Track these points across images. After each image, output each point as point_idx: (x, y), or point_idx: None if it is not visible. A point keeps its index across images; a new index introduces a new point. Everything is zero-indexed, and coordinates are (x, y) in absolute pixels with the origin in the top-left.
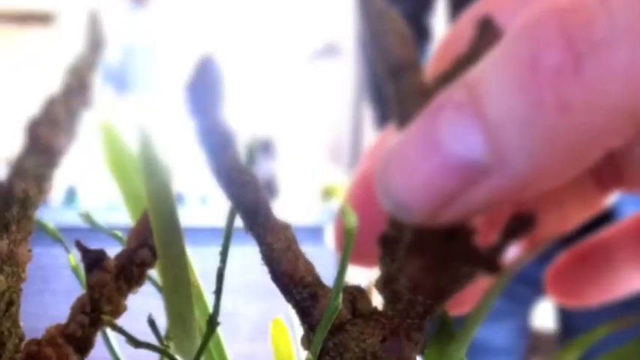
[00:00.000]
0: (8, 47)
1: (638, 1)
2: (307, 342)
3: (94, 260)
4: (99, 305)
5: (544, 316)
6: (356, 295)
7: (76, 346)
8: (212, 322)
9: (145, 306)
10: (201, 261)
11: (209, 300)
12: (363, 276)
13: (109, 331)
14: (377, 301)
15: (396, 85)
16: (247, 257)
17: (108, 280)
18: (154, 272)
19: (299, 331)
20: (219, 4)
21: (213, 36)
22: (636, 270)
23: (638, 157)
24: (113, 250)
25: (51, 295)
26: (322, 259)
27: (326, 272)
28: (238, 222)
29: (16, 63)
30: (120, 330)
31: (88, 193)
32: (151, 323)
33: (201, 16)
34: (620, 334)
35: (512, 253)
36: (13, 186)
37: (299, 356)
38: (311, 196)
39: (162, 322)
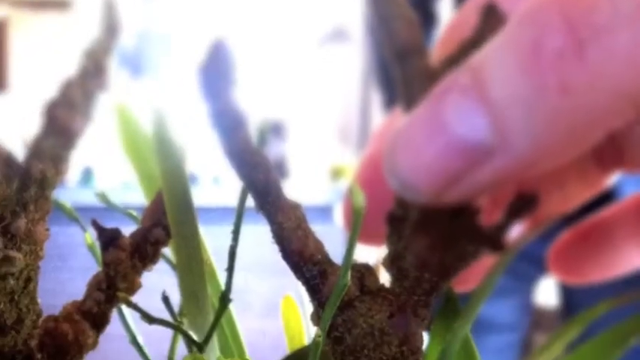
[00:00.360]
0: (25, 32)
1: None
2: (317, 318)
3: (109, 239)
4: (114, 282)
5: (547, 293)
6: (364, 272)
7: (92, 322)
8: (224, 298)
9: (159, 283)
10: (213, 240)
11: (221, 277)
12: (371, 254)
13: (124, 307)
14: (384, 278)
15: (403, 68)
16: (258, 236)
17: (123, 258)
18: (167, 250)
19: (309, 307)
20: None
21: (225, 21)
22: (636, 248)
23: (638, 138)
24: (128, 229)
25: (68, 272)
26: (331, 237)
27: (335, 250)
28: (250, 202)
29: (33, 48)
30: (135, 306)
31: (103, 173)
32: (165, 300)
33: (213, 2)
34: (620, 311)
35: (516, 231)
36: (31, 167)
37: (309, 332)
38: (320, 177)
39: (175, 299)
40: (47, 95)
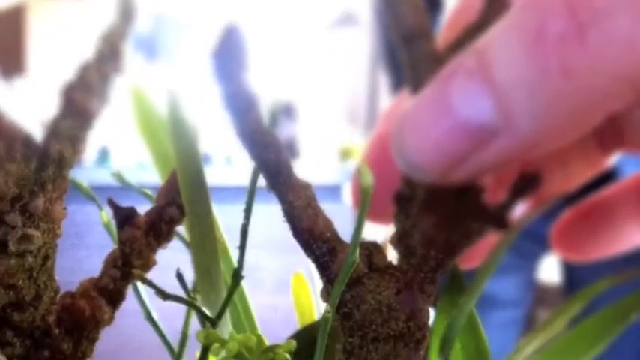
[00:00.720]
0: (44, 18)
1: None
2: (326, 294)
3: (125, 217)
4: (130, 260)
5: (549, 269)
6: (372, 250)
7: (109, 299)
8: (236, 275)
9: (173, 260)
10: (226, 218)
11: (234, 255)
12: (379, 232)
13: (139, 284)
14: (392, 255)
15: (410, 52)
16: (270, 214)
17: (138, 236)
18: (181, 229)
19: (318, 284)
20: None
21: (237, 6)
22: (636, 226)
23: (637, 120)
24: (143, 208)
25: (84, 250)
26: (340, 216)
27: (344, 229)
28: (261, 181)
29: (51, 32)
30: (149, 283)
31: (119, 153)
32: (179, 277)
33: None
34: (621, 287)
35: (520, 210)
36: (49, 147)
37: (318, 308)
38: (329, 157)
39: (189, 276)
40: (65, 78)
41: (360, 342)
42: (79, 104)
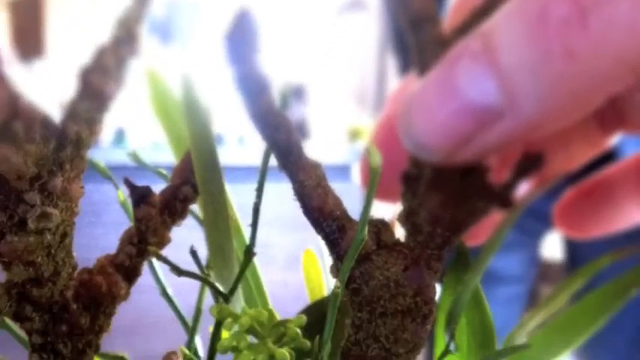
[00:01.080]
0: (62, 1)
1: None
2: (336, 271)
3: (140, 196)
4: (145, 237)
5: (552, 247)
6: (380, 227)
7: (125, 275)
8: (249, 252)
9: (187, 238)
10: (238, 197)
11: (246, 232)
12: (387, 210)
13: (154, 260)
14: (399, 233)
15: (417, 36)
16: (281, 193)
17: (153, 214)
18: (195, 207)
19: (328, 260)
20: None
21: None
22: (636, 205)
23: (638, 101)
24: (158, 187)
25: (101, 227)
26: (349, 195)
27: (353, 207)
28: (273, 161)
29: (69, 16)
30: (164, 260)
31: (135, 134)
32: (193, 254)
33: None
34: (622, 264)
35: (523, 189)
36: (67, 128)
37: (328, 284)
38: (339, 138)
39: (203, 253)
40: (82, 61)
41: (369, 317)
42: (95, 87)
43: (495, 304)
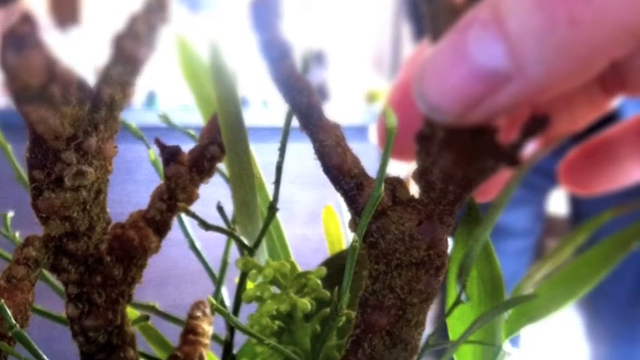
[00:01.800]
0: None
1: None
2: (354, 225)
3: (170, 155)
4: (175, 194)
5: (558, 202)
6: (396, 185)
7: (155, 229)
8: (272, 208)
9: (214, 194)
10: (262, 156)
11: (269, 189)
12: (402, 169)
13: (183, 216)
14: (414, 190)
15: (430, 4)
16: (302, 152)
17: (183, 172)
18: (222, 165)
19: (347, 216)
20: None
21: None
22: (636, 163)
23: (638, 66)
24: (187, 146)
25: (133, 185)
26: (367, 154)
27: (370, 166)
28: (295, 122)
29: None
30: (193, 215)
31: (165, 96)
32: (220, 209)
33: None
34: (622, 219)
35: (530, 148)
36: (101, 91)
37: (347, 238)
38: (357, 100)
39: (229, 209)
40: (116, 28)
41: (385, 269)
42: (128, 52)
43: (504, 256)
